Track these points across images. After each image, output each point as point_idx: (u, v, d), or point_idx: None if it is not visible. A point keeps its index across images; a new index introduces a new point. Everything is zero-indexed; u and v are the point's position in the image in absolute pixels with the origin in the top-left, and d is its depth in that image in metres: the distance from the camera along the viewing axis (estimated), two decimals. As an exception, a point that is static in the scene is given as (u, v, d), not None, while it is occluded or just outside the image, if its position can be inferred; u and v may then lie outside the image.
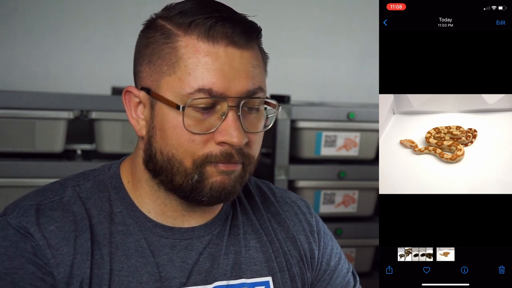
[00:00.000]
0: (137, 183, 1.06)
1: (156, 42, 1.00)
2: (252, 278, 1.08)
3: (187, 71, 0.97)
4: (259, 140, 1.04)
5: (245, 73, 0.99)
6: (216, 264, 1.06)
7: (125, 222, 1.04)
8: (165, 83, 0.99)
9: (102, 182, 1.07)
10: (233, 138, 0.97)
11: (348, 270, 1.19)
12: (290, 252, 1.13)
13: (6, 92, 1.98)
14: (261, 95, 1.01)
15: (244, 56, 0.99)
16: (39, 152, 1.98)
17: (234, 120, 0.98)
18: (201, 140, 0.98)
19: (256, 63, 1.01)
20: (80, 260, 0.99)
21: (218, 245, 1.07)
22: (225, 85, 0.97)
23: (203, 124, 0.98)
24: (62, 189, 1.05)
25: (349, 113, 2.21)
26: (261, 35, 1.03)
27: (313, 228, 1.17)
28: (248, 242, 1.10)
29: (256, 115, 1.02)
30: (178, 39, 0.99)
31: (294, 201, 1.19)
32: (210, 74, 0.97)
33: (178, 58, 0.98)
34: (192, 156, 0.98)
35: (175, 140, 0.99)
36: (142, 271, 1.02)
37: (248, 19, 1.01)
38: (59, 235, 0.99)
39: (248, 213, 1.13)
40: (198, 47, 0.97)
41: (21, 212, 1.00)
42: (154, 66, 1.00)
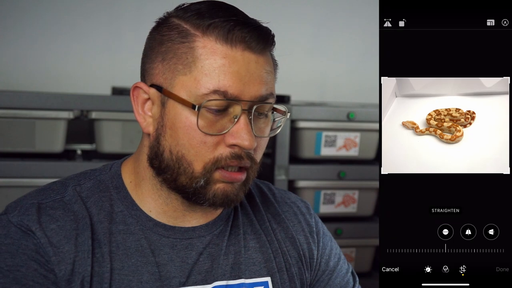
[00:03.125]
0: (140, 181, 1.06)
1: (171, 41, 1.00)
2: (251, 278, 1.08)
3: (204, 72, 0.98)
4: (264, 145, 1.05)
5: (260, 78, 1.00)
6: (216, 264, 1.06)
7: (126, 222, 1.04)
8: (179, 82, 0.99)
9: (103, 181, 1.07)
10: (245, 141, 0.98)
11: (348, 271, 1.19)
12: (289, 252, 1.13)
13: (6, 92, 1.99)
14: (271, 101, 1.02)
15: (259, 61, 1.00)
16: (39, 152, 1.98)
17: (246, 123, 0.98)
18: (212, 143, 0.99)
19: (269, 69, 1.02)
20: (81, 258, 0.99)
21: (218, 245, 1.07)
22: (240, 89, 0.98)
23: (215, 126, 0.99)
24: (63, 188, 1.05)
25: (349, 113, 2.21)
26: (274, 42, 1.04)
27: (312, 228, 1.17)
28: (247, 242, 1.10)
29: (265, 120, 1.03)
30: (195, 39, 0.99)
31: (293, 202, 1.19)
32: (226, 77, 0.97)
33: (195, 58, 0.98)
34: (202, 159, 0.99)
35: (186, 140, 0.99)
36: (142, 270, 1.02)
37: (263, 25, 1.02)
38: (60, 233, 0.99)
39: (248, 214, 1.13)
40: (216, 49, 0.98)
41: (22, 211, 1.01)
42: (168, 64, 1.00)
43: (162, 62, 1.01)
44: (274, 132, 1.05)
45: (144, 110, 1.04)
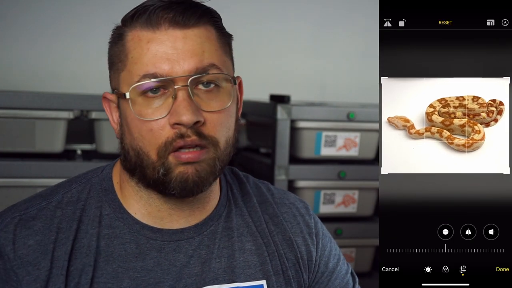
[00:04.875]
0: (123, 183, 1.07)
1: (112, 47, 1.03)
2: (246, 281, 1.07)
3: (134, 61, 0.99)
4: (222, 120, 1.00)
5: (191, 52, 0.98)
6: (206, 267, 1.05)
7: (112, 225, 1.04)
8: (121, 80, 1.01)
9: (94, 184, 1.07)
10: (182, 117, 0.96)
11: (347, 271, 1.19)
12: (286, 254, 1.12)
13: (6, 92, 1.98)
14: (215, 71, 0.99)
15: (188, 35, 0.99)
16: (39, 152, 1.98)
17: (183, 99, 0.97)
18: (158, 127, 0.98)
19: (205, 41, 1.00)
20: (55, 274, 0.99)
21: (209, 247, 1.06)
22: (169, 67, 0.97)
23: (156, 112, 0.98)
24: (51, 195, 1.06)
25: (349, 113, 2.21)
26: (215, 16, 1.02)
27: (311, 230, 1.16)
28: (243, 244, 1.09)
29: (217, 94, 1.00)
30: (125, 35, 1.01)
31: (292, 203, 1.19)
32: (154, 59, 0.97)
33: (127, 52, 1.00)
34: (155, 147, 0.98)
35: (137, 132, 0.99)
36: (123, 276, 1.01)
37: (195, 1, 1.01)
38: (37, 249, 1.00)
39: (244, 215, 1.12)
40: (141, 36, 0.99)
41: (1, 227, 1.01)
42: (114, 68, 1.03)
43: (112, 68, 1.04)
44: (228, 104, 1.00)
45: (115, 117, 1.06)
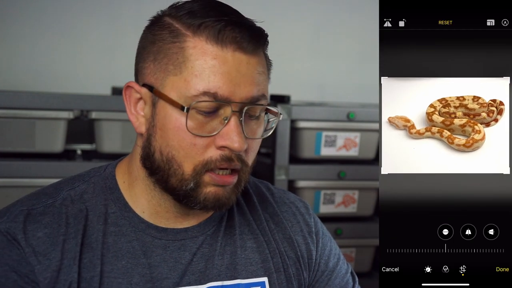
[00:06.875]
0: (133, 181, 1.06)
1: (163, 40, 1.00)
2: (248, 278, 1.08)
3: (194, 73, 0.97)
4: (256, 147, 1.04)
5: (251, 80, 0.98)
6: (210, 264, 1.06)
7: (118, 223, 1.04)
8: (170, 82, 0.99)
9: (97, 183, 1.07)
10: (235, 143, 0.97)
11: (347, 271, 1.19)
12: (287, 252, 1.12)
13: (6, 92, 1.98)
14: (264, 103, 1.01)
15: (251, 62, 0.99)
16: (39, 152, 1.98)
17: (236, 125, 0.97)
18: (202, 145, 0.98)
19: (262, 70, 1.01)
20: (67, 265, 0.99)
21: (212, 245, 1.07)
22: (230, 90, 0.97)
23: (205, 128, 0.98)
24: (56, 192, 1.05)
25: (349, 113, 2.21)
26: (268, 42, 1.03)
27: (311, 229, 1.17)
28: (244, 242, 1.10)
29: (257, 121, 1.02)
30: (186, 40, 0.98)
31: (292, 202, 1.19)
32: (216, 78, 0.96)
33: (185, 59, 0.98)
34: (192, 161, 0.98)
35: (176, 142, 0.98)
36: (132, 272, 1.02)
37: (256, 25, 1.01)
38: (47, 241, 0.99)
39: (245, 213, 1.13)
40: (206, 50, 0.97)
41: (11, 217, 1.01)
42: (159, 64, 1.00)
43: (153, 62, 1.00)
44: (266, 134, 1.04)
45: (136, 109, 1.04)
